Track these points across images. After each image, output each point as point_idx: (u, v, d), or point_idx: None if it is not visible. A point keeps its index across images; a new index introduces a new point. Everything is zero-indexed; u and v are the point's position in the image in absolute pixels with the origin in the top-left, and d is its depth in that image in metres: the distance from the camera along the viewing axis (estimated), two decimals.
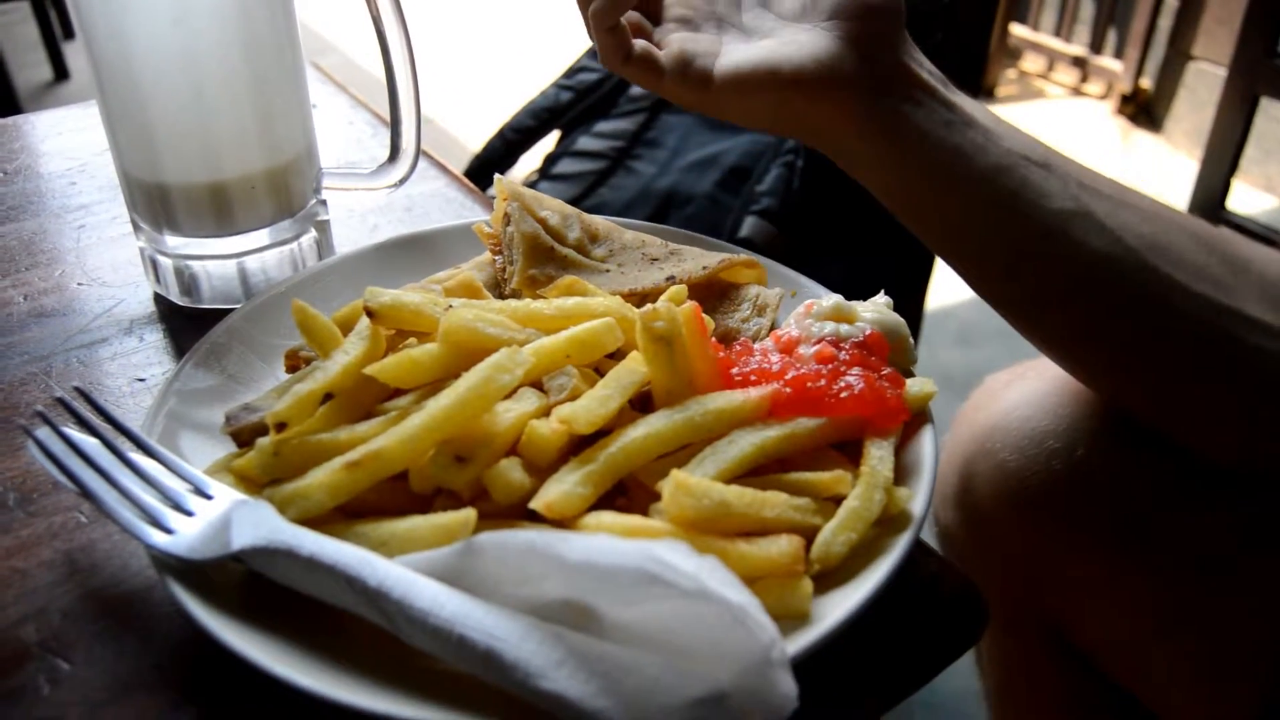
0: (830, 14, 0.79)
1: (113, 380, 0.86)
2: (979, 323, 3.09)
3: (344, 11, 5.22)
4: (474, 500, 0.62)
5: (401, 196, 1.16)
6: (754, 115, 0.82)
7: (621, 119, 2.01)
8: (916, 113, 0.76)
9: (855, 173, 0.81)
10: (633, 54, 0.83)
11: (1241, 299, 0.72)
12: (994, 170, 0.75)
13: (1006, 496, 0.94)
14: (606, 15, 0.81)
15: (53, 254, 1.05)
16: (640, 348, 0.68)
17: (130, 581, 0.67)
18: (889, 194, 0.80)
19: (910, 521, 0.64)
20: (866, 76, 0.77)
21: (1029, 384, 0.98)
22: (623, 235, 0.90)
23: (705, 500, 0.59)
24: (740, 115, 0.83)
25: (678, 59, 0.82)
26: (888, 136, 0.77)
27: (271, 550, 0.57)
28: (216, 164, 0.89)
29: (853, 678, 0.63)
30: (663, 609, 0.52)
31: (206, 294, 0.95)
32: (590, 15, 0.83)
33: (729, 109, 0.82)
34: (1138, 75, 4.45)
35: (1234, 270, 0.74)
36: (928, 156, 0.76)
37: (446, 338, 0.66)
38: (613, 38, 0.82)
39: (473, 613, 0.53)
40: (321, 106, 1.38)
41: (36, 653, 0.62)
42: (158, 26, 0.82)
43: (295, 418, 0.64)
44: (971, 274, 0.79)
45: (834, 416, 0.68)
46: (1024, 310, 0.78)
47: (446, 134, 4.41)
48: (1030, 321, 0.79)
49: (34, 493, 0.74)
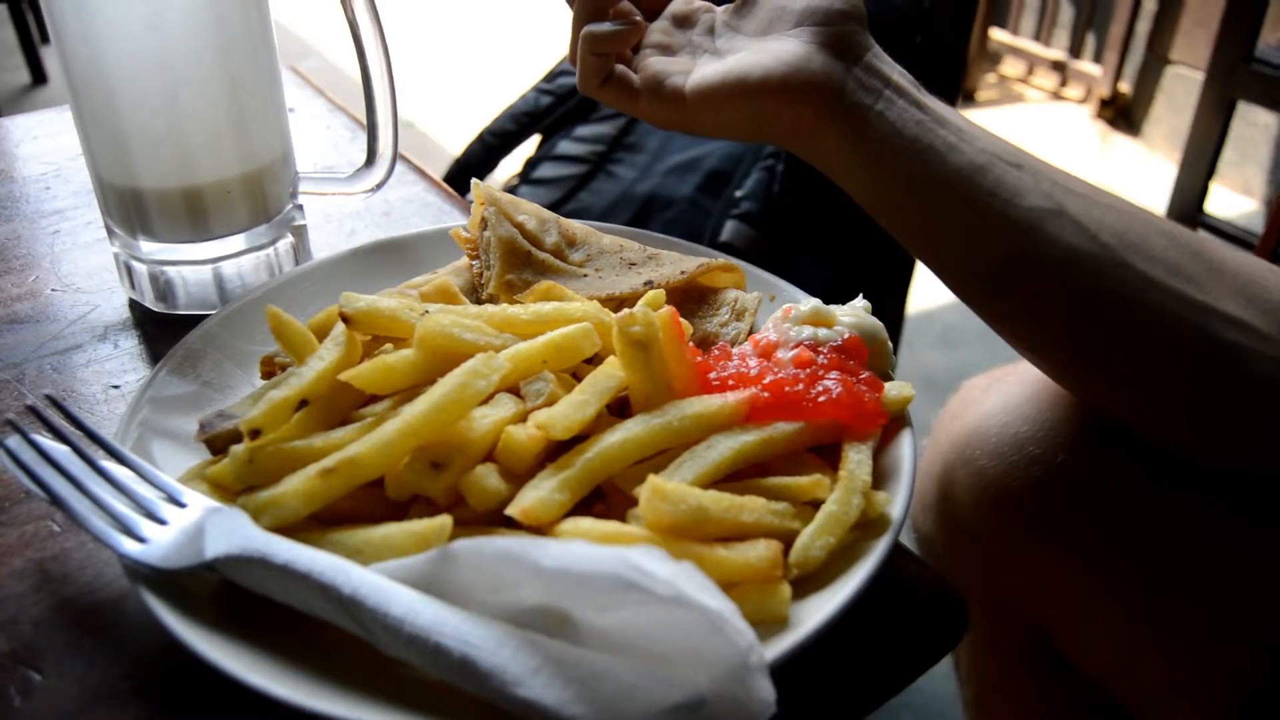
0: (796, 22, 0.81)
1: (87, 387, 0.85)
2: (960, 325, 3.10)
3: (321, 14, 5.21)
4: (450, 507, 0.61)
5: (379, 201, 1.16)
6: (728, 126, 0.84)
7: (602, 123, 2.00)
8: (888, 111, 0.77)
9: (833, 176, 0.82)
10: (611, 76, 0.86)
11: (1217, 296, 0.72)
12: (968, 169, 0.75)
13: (987, 504, 0.94)
14: (604, 42, 0.84)
15: (27, 259, 1.04)
16: (617, 353, 0.68)
17: (103, 591, 0.66)
18: (866, 196, 0.81)
19: (889, 525, 0.64)
20: (835, 76, 0.78)
21: (1008, 389, 0.97)
22: (600, 240, 0.90)
23: (682, 505, 0.58)
24: (715, 128, 0.84)
25: (651, 79, 0.85)
26: (859, 136, 0.77)
27: (245, 559, 0.57)
28: (191, 169, 0.88)
29: (832, 682, 0.63)
30: (640, 615, 0.52)
31: (182, 300, 0.94)
32: (583, 37, 0.84)
33: (703, 123, 0.84)
34: (1116, 79, 4.48)
35: (1208, 268, 0.74)
36: (900, 155, 0.76)
37: (422, 343, 0.66)
38: (597, 61, 0.86)
39: (448, 620, 0.53)
40: (299, 110, 1.38)
41: (7, 663, 0.61)
42: (131, 30, 0.81)
43: (270, 424, 0.64)
44: (949, 275, 0.80)
45: (812, 421, 0.68)
46: (1001, 309, 0.79)
47: (426, 139, 4.40)
48: (1007, 321, 0.79)
49: (5, 501, 0.73)
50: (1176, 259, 0.74)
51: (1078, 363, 0.79)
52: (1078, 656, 0.96)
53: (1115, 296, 0.73)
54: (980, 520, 0.95)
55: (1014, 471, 0.91)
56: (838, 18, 0.80)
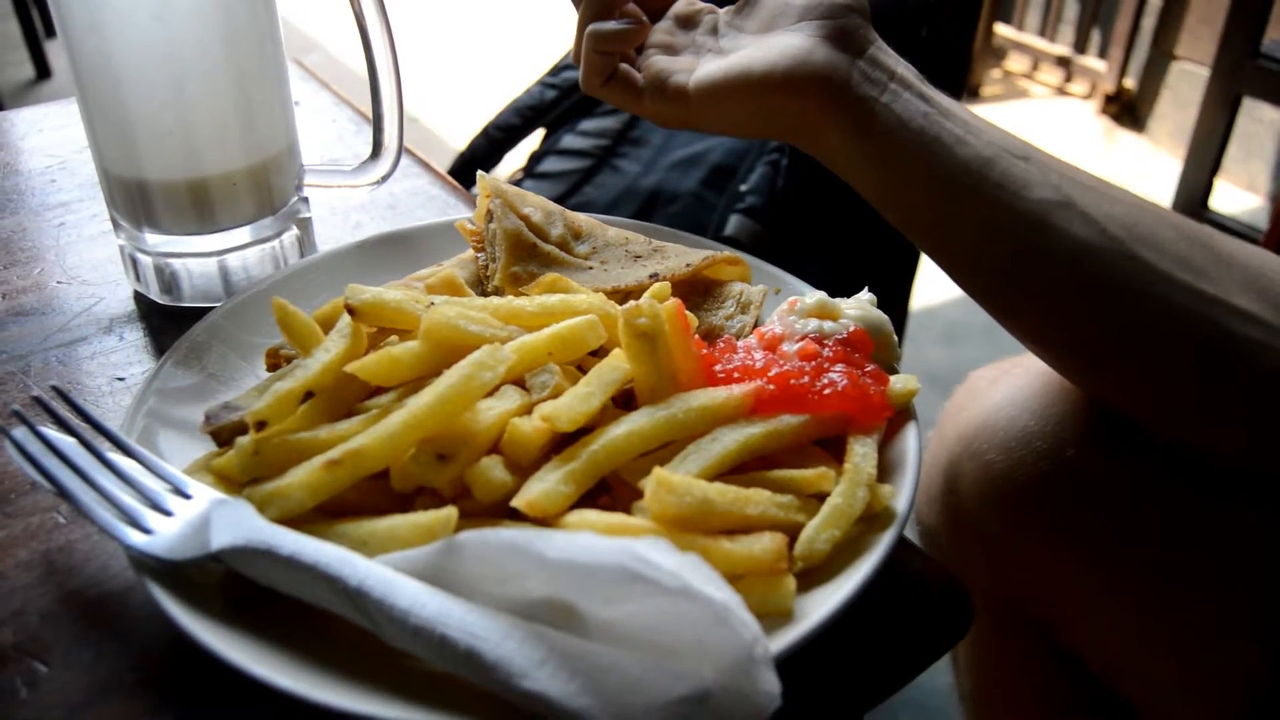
0: (798, 17, 0.81)
1: (92, 379, 0.85)
2: (964, 320, 3.10)
3: (327, 8, 5.21)
4: (455, 499, 0.61)
5: (384, 194, 1.16)
6: (733, 122, 0.84)
7: (606, 117, 2.00)
8: (894, 103, 0.77)
9: (838, 171, 0.82)
10: (615, 75, 0.87)
11: (1226, 289, 0.72)
12: (975, 161, 0.75)
13: (993, 498, 0.94)
14: (609, 41, 0.84)
15: (32, 252, 1.04)
16: (623, 345, 0.68)
17: (109, 583, 0.66)
18: (872, 190, 0.80)
19: (894, 519, 0.64)
20: (839, 69, 0.77)
21: (1015, 381, 0.97)
22: (606, 232, 0.90)
23: (688, 498, 0.58)
24: (719, 124, 0.85)
25: (654, 77, 0.85)
26: (865, 129, 0.77)
27: (251, 550, 0.57)
28: (197, 161, 0.88)
29: (836, 676, 0.63)
30: (645, 607, 0.52)
31: (187, 292, 0.94)
32: (588, 36, 0.85)
33: (708, 120, 0.84)
34: (1121, 75, 4.47)
35: (1217, 261, 0.74)
36: (907, 148, 0.76)
37: (428, 335, 0.66)
38: (601, 60, 0.86)
39: (454, 612, 0.53)
40: (304, 103, 1.38)
41: (14, 655, 0.61)
42: (137, 21, 0.81)
43: (275, 416, 0.64)
44: (957, 269, 0.79)
45: (817, 413, 0.68)
46: (1009, 304, 0.78)
47: (431, 132, 4.40)
48: (1015, 315, 0.79)
49: (11, 493, 0.73)
50: (1186, 252, 0.73)
51: (1086, 357, 0.78)
52: (1084, 652, 0.96)
53: (1125, 289, 0.72)
54: (986, 514, 0.95)
55: (1020, 466, 0.91)
56: (840, 11, 0.80)
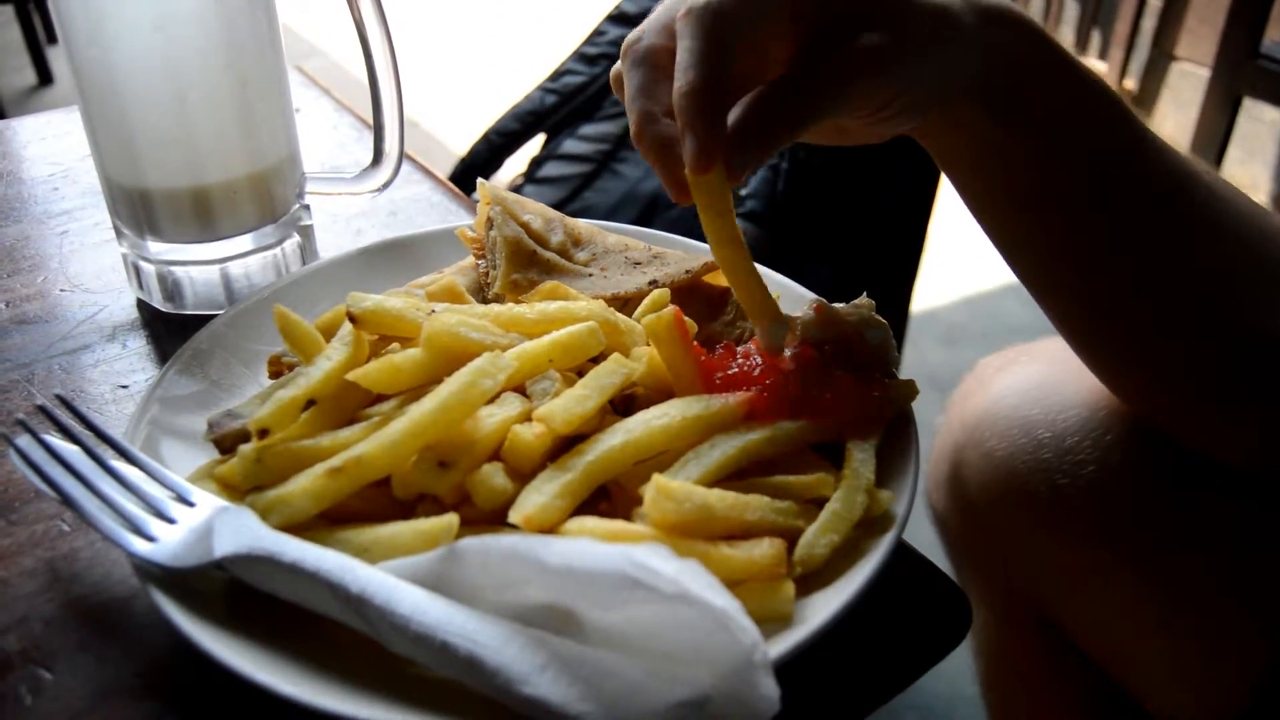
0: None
1: (95, 387, 0.86)
2: (964, 324, 3.10)
3: (328, 15, 5.21)
4: (456, 506, 0.62)
5: (385, 201, 1.16)
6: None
7: (606, 122, 2.00)
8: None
9: (956, 169, 0.77)
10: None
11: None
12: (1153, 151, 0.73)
13: (996, 485, 0.95)
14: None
15: (35, 260, 1.04)
16: (653, 345, 0.68)
17: (112, 590, 0.67)
18: (997, 185, 0.76)
19: (893, 523, 0.64)
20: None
21: (1020, 370, 0.97)
22: (605, 239, 0.90)
23: (687, 504, 0.59)
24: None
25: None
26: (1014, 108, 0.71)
27: (254, 557, 0.57)
28: (199, 169, 0.89)
29: (836, 680, 0.63)
30: (645, 613, 0.52)
31: (189, 300, 0.95)
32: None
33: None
34: (1122, 76, 4.47)
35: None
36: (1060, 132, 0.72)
37: (429, 343, 0.66)
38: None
39: (455, 618, 0.53)
40: (305, 110, 1.38)
41: (18, 662, 0.61)
42: (139, 31, 0.82)
43: (278, 424, 0.64)
44: (1072, 275, 0.78)
45: (816, 419, 0.68)
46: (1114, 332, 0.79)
47: (431, 138, 4.40)
48: (1113, 342, 0.79)
49: (15, 501, 0.74)
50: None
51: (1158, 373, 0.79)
52: (1085, 639, 0.96)
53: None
54: (990, 502, 0.96)
55: (1022, 454, 0.91)
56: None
